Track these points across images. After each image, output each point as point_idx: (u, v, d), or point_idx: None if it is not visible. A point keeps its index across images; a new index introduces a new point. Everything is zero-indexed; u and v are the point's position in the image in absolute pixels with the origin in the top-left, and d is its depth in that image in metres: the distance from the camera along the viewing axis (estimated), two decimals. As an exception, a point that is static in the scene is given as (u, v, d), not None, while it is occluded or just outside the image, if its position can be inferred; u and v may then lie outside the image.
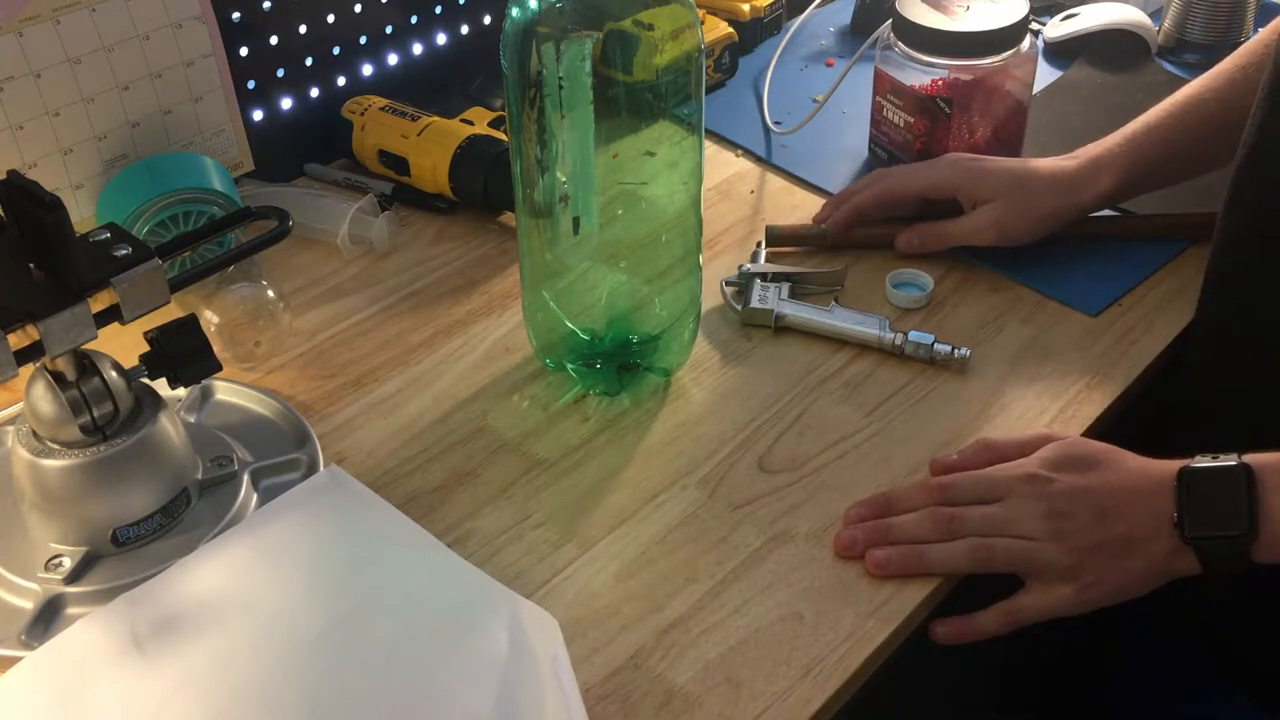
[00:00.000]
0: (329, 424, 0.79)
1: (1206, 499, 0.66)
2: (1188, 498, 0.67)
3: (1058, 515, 0.68)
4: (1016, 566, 0.69)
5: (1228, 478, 0.66)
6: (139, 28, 0.87)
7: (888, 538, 0.69)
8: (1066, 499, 0.68)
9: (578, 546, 0.70)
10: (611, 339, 0.80)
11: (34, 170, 0.85)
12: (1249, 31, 1.18)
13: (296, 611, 0.65)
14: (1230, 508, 0.66)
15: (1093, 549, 0.68)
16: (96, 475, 0.67)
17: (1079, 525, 0.68)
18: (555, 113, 0.71)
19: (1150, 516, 0.67)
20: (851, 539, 0.69)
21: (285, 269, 0.93)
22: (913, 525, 0.70)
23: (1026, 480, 0.69)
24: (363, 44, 1.05)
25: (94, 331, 0.65)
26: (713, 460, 0.76)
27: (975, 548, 0.69)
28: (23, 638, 0.64)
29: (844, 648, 0.65)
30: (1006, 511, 0.69)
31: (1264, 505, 0.65)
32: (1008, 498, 0.69)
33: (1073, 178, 0.88)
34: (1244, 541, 0.66)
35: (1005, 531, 0.69)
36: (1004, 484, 0.70)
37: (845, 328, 0.84)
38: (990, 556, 0.69)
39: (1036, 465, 0.70)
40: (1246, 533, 0.65)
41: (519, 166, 0.75)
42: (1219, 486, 0.66)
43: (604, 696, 0.62)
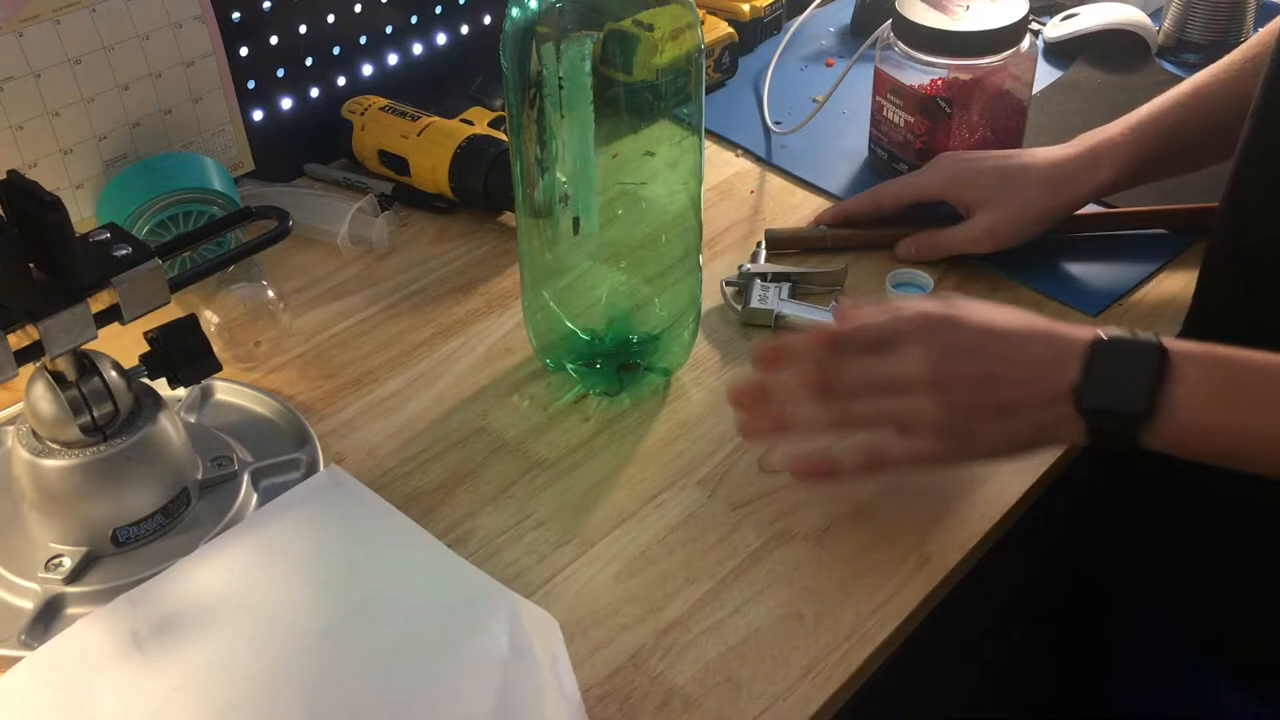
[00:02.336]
0: (329, 424, 0.79)
1: (1113, 373, 0.64)
2: (1094, 368, 0.64)
3: (946, 373, 0.65)
4: (886, 425, 0.67)
5: (1140, 354, 0.64)
6: (139, 28, 0.87)
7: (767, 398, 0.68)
8: (961, 354, 0.65)
9: (578, 546, 0.71)
10: (612, 339, 0.80)
11: (34, 170, 0.85)
12: (1249, 31, 1.18)
13: (296, 611, 0.65)
14: (1134, 385, 0.63)
15: (972, 410, 0.65)
16: (96, 475, 0.67)
17: (965, 384, 0.65)
18: (555, 113, 0.71)
19: (1048, 383, 0.65)
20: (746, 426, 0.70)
21: (285, 269, 0.93)
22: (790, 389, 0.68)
23: (927, 324, 0.66)
24: (363, 44, 1.05)
25: (94, 331, 0.65)
26: (713, 460, 0.76)
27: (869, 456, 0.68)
28: (23, 638, 0.64)
29: (844, 648, 0.65)
30: (893, 368, 0.66)
31: (1167, 390, 0.63)
32: (896, 345, 0.66)
33: (1069, 170, 0.88)
34: (1137, 423, 0.63)
35: (888, 390, 0.66)
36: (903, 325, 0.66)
37: (845, 328, 0.84)
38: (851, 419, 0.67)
39: (946, 307, 0.67)
40: (1143, 414, 0.63)
41: (519, 166, 0.75)
42: (1129, 362, 0.64)
43: (604, 696, 0.62)
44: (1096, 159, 0.87)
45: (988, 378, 0.65)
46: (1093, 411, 0.64)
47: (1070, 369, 0.64)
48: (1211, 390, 0.63)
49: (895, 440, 0.67)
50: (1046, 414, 0.65)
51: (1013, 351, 0.66)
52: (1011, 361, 0.65)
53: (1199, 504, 0.82)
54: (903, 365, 0.66)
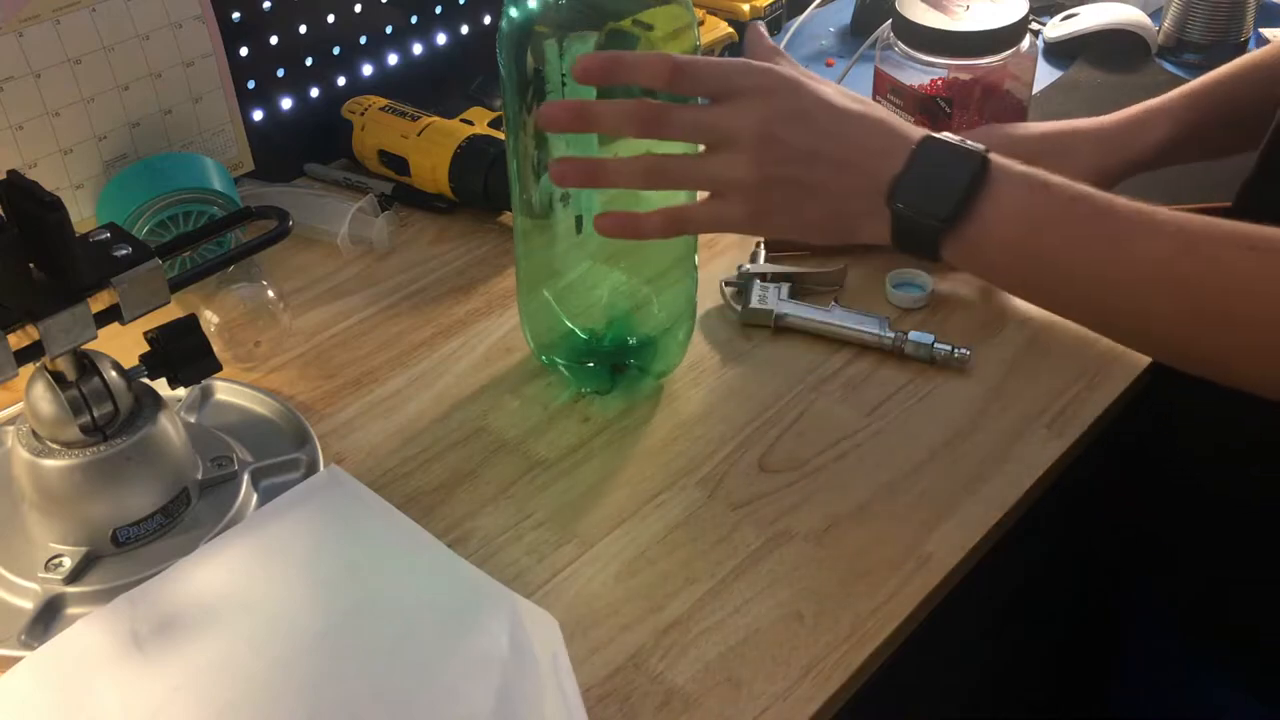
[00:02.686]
0: (329, 424, 0.79)
1: (930, 173, 0.63)
2: (914, 166, 0.63)
3: (771, 135, 0.63)
4: (695, 183, 0.66)
5: (961, 161, 0.63)
6: (139, 28, 0.87)
7: (587, 126, 0.66)
8: (793, 120, 0.64)
9: (578, 546, 0.71)
10: (611, 339, 0.80)
11: (34, 170, 0.85)
12: (1249, 31, 1.18)
13: (296, 611, 0.65)
14: (946, 189, 0.62)
15: (785, 181, 0.64)
16: (96, 475, 0.67)
17: (787, 151, 0.64)
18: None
19: (868, 172, 0.64)
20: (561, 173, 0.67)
21: (285, 269, 0.93)
22: (614, 118, 0.66)
23: (770, 82, 0.64)
24: (363, 44, 1.05)
25: (94, 331, 0.65)
26: (713, 460, 0.76)
27: (649, 170, 0.66)
28: (23, 638, 0.64)
29: (844, 648, 0.64)
30: (722, 117, 0.64)
31: (977, 201, 0.62)
32: (735, 96, 0.64)
33: (1121, 130, 0.85)
34: (940, 228, 0.63)
35: (708, 138, 0.65)
36: (747, 76, 0.64)
37: (845, 328, 0.84)
38: (663, 176, 0.66)
39: (796, 72, 0.65)
40: (947, 219, 0.62)
41: (514, 165, 0.75)
42: (948, 165, 0.63)
43: (604, 696, 0.62)
44: (1148, 119, 0.85)
45: (812, 152, 0.64)
46: (900, 208, 0.63)
47: (894, 162, 0.63)
48: (1021, 211, 0.63)
49: (703, 204, 0.66)
50: (856, 204, 0.64)
51: (845, 131, 0.64)
52: (841, 140, 0.64)
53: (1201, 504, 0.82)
54: (733, 118, 0.64)
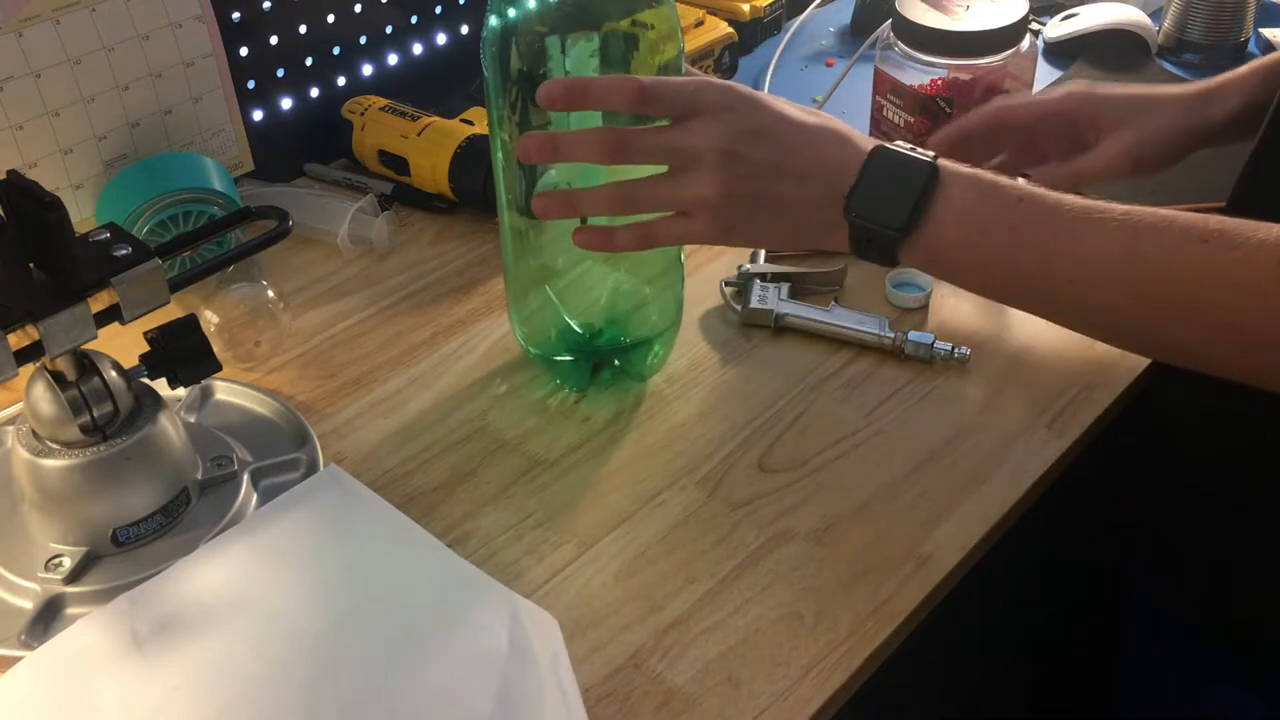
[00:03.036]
0: (329, 424, 0.79)
1: (882, 184, 0.65)
2: (866, 177, 0.65)
3: (733, 152, 0.65)
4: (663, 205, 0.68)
5: (911, 170, 0.65)
6: (139, 28, 0.87)
7: (557, 156, 0.68)
8: (754, 136, 0.66)
9: (578, 546, 0.71)
10: (606, 338, 0.80)
11: (34, 170, 0.85)
12: (1249, 31, 1.18)
13: (296, 611, 0.65)
14: (899, 199, 0.65)
15: (748, 197, 0.66)
16: (96, 475, 0.67)
17: (749, 168, 0.65)
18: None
19: (825, 184, 0.66)
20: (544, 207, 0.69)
21: (285, 269, 0.93)
22: (581, 147, 0.67)
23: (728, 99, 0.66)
24: (363, 44, 1.05)
25: (94, 331, 0.65)
26: (713, 460, 0.76)
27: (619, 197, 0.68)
28: (23, 638, 0.64)
29: (844, 648, 0.64)
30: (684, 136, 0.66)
31: (929, 208, 0.64)
32: (696, 115, 0.66)
33: (1198, 98, 0.84)
34: (895, 237, 0.65)
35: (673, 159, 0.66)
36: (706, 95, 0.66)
37: (845, 328, 0.84)
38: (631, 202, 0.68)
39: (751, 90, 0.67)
40: (901, 228, 0.65)
41: (500, 163, 0.75)
42: (899, 176, 0.65)
43: (604, 696, 0.62)
44: (1221, 90, 0.84)
45: (773, 167, 0.66)
46: (855, 220, 0.65)
47: (847, 174, 0.65)
48: (970, 215, 0.65)
49: (672, 220, 0.68)
50: (816, 216, 0.66)
51: (803, 145, 0.66)
52: (800, 154, 0.66)
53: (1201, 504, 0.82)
54: (696, 137, 0.65)
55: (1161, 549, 0.86)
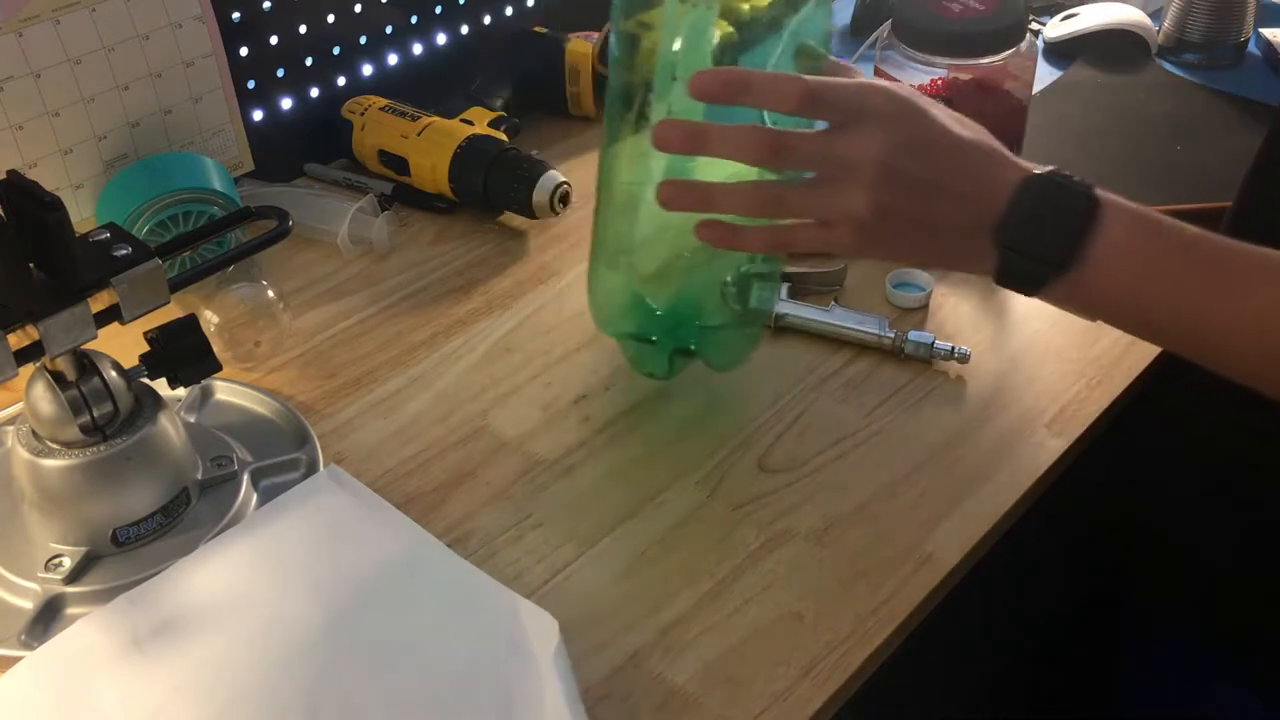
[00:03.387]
0: (329, 424, 0.79)
1: (1038, 215, 0.61)
2: (1021, 206, 0.61)
3: (893, 166, 0.61)
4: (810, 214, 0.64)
5: (1070, 200, 0.61)
6: (139, 28, 0.87)
7: (707, 205, 0.64)
8: (916, 150, 0.61)
9: (578, 546, 0.70)
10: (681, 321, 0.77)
11: (34, 170, 0.85)
12: (1249, 31, 1.18)
13: (296, 611, 0.65)
14: (1057, 233, 0.61)
15: (900, 216, 0.62)
16: (96, 475, 0.67)
17: (905, 183, 0.61)
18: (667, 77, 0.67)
19: (977, 208, 0.62)
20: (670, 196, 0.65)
21: (285, 269, 0.93)
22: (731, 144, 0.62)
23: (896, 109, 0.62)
24: (363, 44, 1.05)
25: (94, 331, 0.65)
26: (713, 460, 0.76)
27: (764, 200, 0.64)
28: (23, 638, 0.64)
29: (844, 648, 0.64)
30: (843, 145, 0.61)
31: (1088, 244, 0.60)
32: (858, 123, 0.62)
33: None
34: (1049, 271, 0.61)
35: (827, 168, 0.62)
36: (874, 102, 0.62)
37: (845, 328, 0.84)
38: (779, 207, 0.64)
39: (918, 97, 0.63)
40: (1059, 264, 0.61)
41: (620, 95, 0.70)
42: (1057, 206, 0.61)
43: (604, 696, 0.62)
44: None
45: (931, 185, 0.62)
46: (1007, 251, 0.62)
47: (1000, 200, 0.61)
48: (1132, 256, 0.61)
49: (809, 227, 0.64)
50: (964, 240, 0.63)
51: (962, 163, 0.63)
52: (957, 173, 0.62)
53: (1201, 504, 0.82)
54: (855, 147, 0.61)
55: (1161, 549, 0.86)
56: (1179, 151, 1.05)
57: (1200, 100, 1.13)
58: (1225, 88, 1.14)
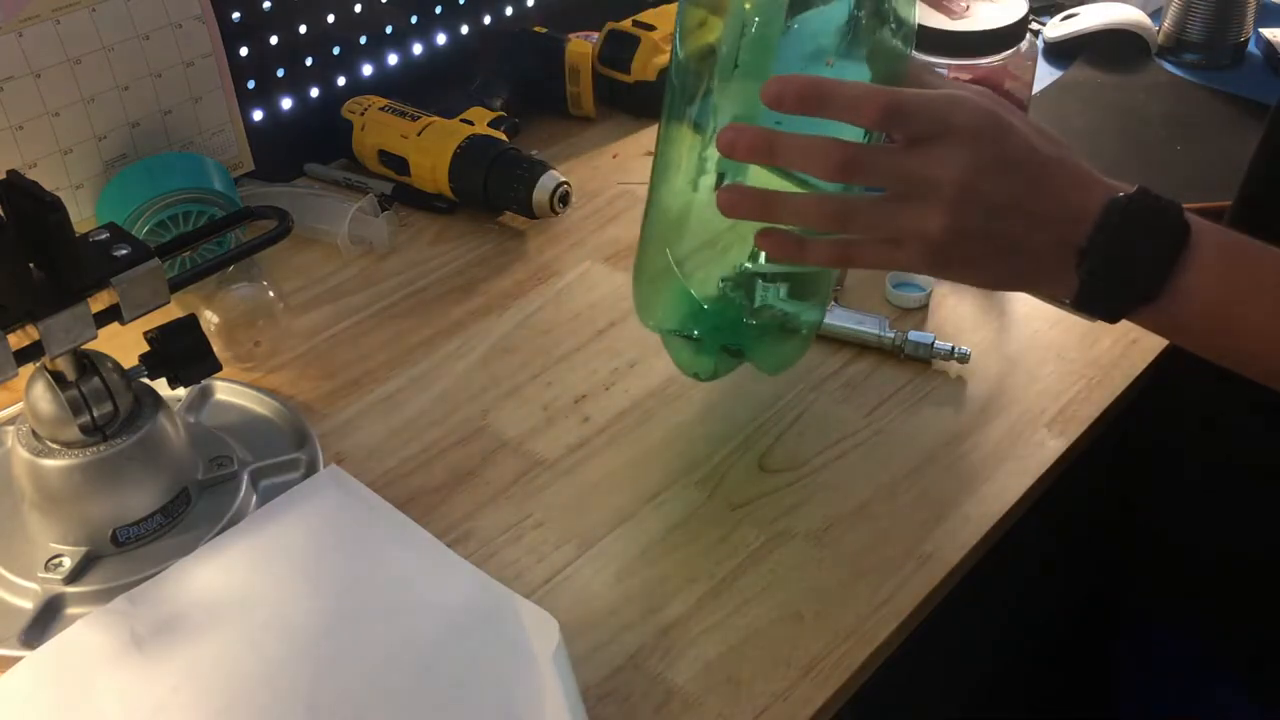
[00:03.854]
0: (329, 424, 0.79)
1: (1126, 244, 0.57)
2: (1107, 233, 0.57)
3: (974, 187, 0.57)
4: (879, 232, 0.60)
5: (1160, 229, 0.57)
6: (139, 28, 0.87)
7: (770, 214, 0.61)
8: (998, 170, 0.57)
9: (578, 546, 0.70)
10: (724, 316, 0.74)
11: (34, 170, 0.85)
12: (1249, 31, 1.18)
13: (296, 611, 0.65)
14: (1145, 264, 0.57)
15: (976, 239, 0.58)
16: (96, 475, 0.67)
17: (985, 205, 0.57)
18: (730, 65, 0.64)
19: (1059, 234, 0.58)
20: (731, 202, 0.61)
21: (285, 269, 0.93)
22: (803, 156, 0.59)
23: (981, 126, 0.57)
24: (363, 44, 1.05)
25: (94, 331, 0.65)
26: (713, 460, 0.76)
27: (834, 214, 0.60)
28: (23, 638, 0.64)
29: (844, 648, 0.64)
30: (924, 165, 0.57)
31: (1178, 276, 0.57)
32: (941, 139, 0.57)
33: None
34: (1135, 303, 0.58)
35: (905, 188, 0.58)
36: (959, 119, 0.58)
37: (845, 328, 0.84)
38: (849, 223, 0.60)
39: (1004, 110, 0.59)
40: (1145, 296, 0.58)
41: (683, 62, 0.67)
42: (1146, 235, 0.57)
43: (604, 696, 0.62)
44: None
45: (1011, 207, 0.58)
46: (1088, 278, 0.58)
47: (1084, 223, 0.58)
48: (1220, 285, 0.58)
49: (876, 245, 0.61)
50: (1043, 264, 0.59)
51: (1047, 183, 0.58)
52: (1040, 195, 0.58)
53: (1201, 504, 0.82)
54: (936, 167, 0.57)
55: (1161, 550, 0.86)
56: (1179, 151, 1.05)
57: (1200, 100, 1.13)
58: (1225, 88, 1.14)
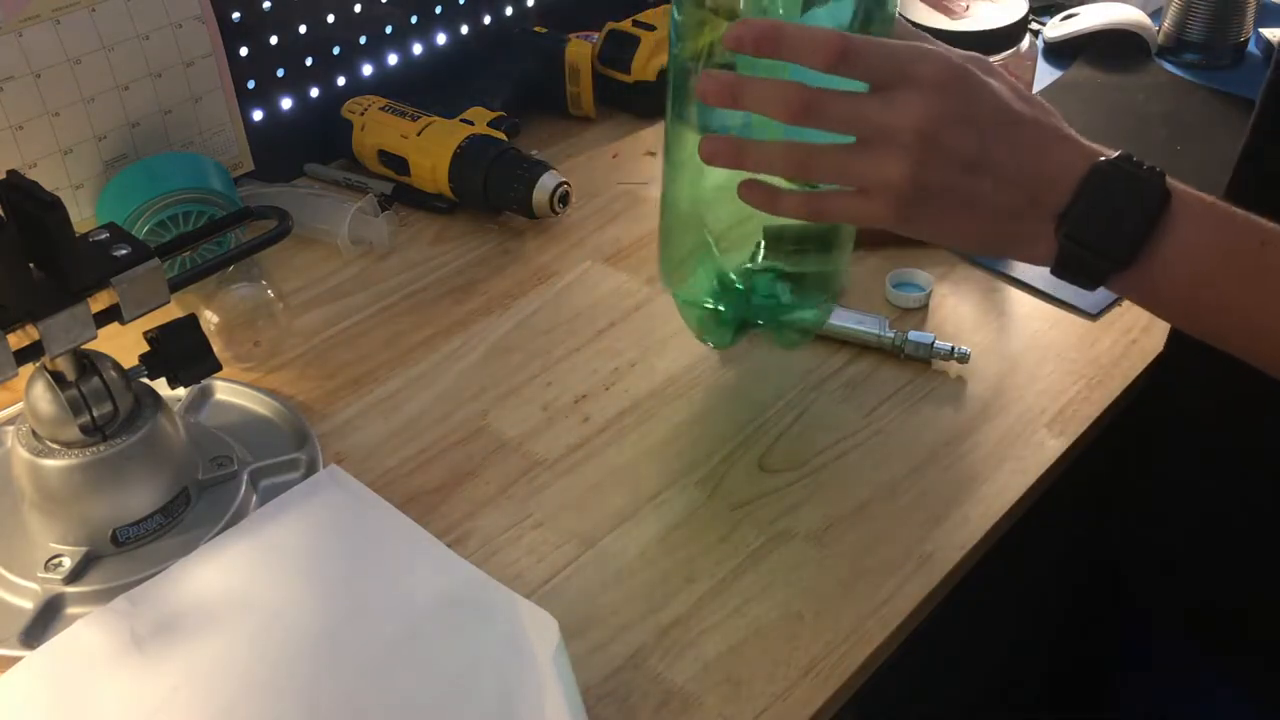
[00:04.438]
0: (329, 424, 0.79)
1: (1104, 207, 0.57)
2: (1086, 196, 0.57)
3: (935, 137, 0.57)
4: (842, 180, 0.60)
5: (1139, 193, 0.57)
6: (139, 28, 0.87)
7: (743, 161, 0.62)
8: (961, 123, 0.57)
9: (578, 546, 0.70)
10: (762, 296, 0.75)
11: (34, 170, 0.85)
12: (1249, 31, 1.18)
13: (296, 611, 0.65)
14: (1122, 227, 0.57)
15: (943, 190, 0.58)
16: (96, 475, 0.67)
17: (948, 158, 0.57)
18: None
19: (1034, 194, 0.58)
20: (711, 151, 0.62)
21: (285, 269, 0.93)
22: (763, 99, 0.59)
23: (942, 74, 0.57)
24: (363, 44, 1.05)
25: (94, 331, 0.65)
26: (713, 460, 0.76)
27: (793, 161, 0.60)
28: (23, 638, 0.64)
29: (844, 648, 0.64)
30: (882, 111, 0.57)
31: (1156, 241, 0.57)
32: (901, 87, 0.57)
33: None
34: (1111, 267, 0.58)
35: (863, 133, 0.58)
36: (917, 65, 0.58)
37: (845, 328, 0.84)
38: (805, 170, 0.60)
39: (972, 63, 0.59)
40: (1121, 260, 0.58)
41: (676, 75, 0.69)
42: (1124, 199, 0.57)
43: (604, 696, 0.62)
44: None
45: (975, 163, 0.57)
46: (1066, 242, 0.58)
47: (1062, 186, 0.58)
48: (1203, 254, 0.57)
49: (849, 198, 0.60)
50: (1018, 225, 0.59)
51: (1015, 142, 0.58)
52: (1009, 153, 0.58)
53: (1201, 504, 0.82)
54: (895, 114, 0.57)
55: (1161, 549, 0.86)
56: (1179, 151, 1.05)
57: (1200, 100, 1.13)
58: (1225, 88, 1.14)
